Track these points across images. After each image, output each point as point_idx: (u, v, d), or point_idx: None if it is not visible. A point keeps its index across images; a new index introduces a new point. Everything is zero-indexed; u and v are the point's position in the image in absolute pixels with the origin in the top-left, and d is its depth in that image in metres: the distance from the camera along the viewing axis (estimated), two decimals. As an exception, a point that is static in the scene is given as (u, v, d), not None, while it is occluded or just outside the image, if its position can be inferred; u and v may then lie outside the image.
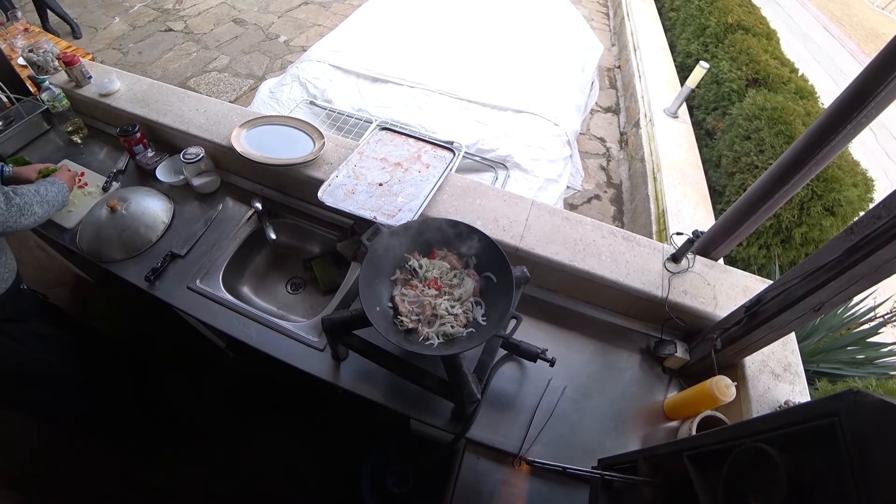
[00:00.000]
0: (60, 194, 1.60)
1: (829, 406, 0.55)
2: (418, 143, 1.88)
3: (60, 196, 1.60)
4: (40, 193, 1.50)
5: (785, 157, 1.31)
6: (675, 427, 1.47)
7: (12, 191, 1.40)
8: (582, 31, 4.26)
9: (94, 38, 5.24)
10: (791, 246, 2.91)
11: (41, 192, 1.50)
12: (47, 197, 1.52)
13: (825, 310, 1.12)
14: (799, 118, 3.14)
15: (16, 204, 1.38)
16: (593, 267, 1.56)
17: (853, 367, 2.43)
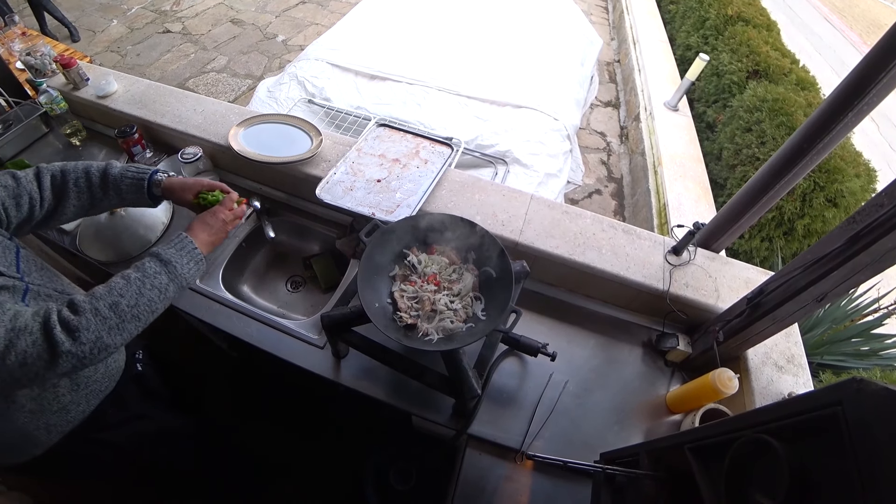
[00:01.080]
0: (192, 272, 1.09)
1: (831, 395, 0.54)
2: (416, 139, 1.87)
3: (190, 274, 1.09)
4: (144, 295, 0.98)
5: (786, 147, 1.30)
6: (678, 420, 1.46)
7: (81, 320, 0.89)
8: (581, 26, 4.24)
9: (92, 41, 5.24)
10: (793, 238, 2.90)
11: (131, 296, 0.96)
12: (144, 303, 0.98)
13: (828, 300, 1.11)
14: (800, 109, 3.13)
15: (87, 342, 0.88)
16: (594, 260, 1.56)
17: (857, 358, 2.42)
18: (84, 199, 1.21)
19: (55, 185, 1.17)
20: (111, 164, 1.24)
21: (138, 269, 1.01)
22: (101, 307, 0.91)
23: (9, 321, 0.84)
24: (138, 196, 1.26)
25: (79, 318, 0.88)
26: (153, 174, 1.26)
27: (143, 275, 0.99)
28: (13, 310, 0.86)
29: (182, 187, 1.28)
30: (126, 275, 0.99)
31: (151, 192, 1.26)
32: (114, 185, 1.22)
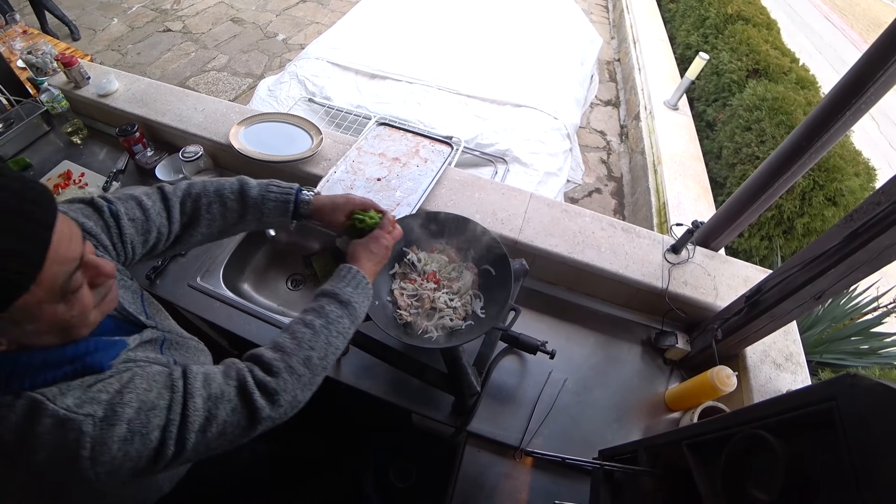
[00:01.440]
0: (366, 308, 1.00)
1: (826, 390, 0.55)
2: (416, 138, 1.88)
3: (364, 312, 1.00)
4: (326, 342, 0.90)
5: (785, 145, 1.30)
6: (677, 418, 1.47)
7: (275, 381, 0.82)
8: (581, 25, 4.25)
9: (92, 40, 5.25)
10: (793, 237, 2.90)
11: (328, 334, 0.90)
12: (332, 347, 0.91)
13: (826, 298, 1.11)
14: (800, 108, 3.13)
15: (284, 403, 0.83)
16: (593, 259, 1.56)
17: (856, 357, 2.43)
18: (215, 227, 1.06)
19: (184, 214, 1.02)
20: (246, 183, 1.07)
21: (320, 315, 0.90)
22: (294, 365, 0.84)
23: (202, 388, 0.75)
24: (281, 218, 1.10)
25: (276, 381, 0.81)
26: (299, 192, 1.10)
27: (326, 321, 0.90)
28: (200, 374, 0.78)
29: (333, 207, 1.10)
30: (310, 322, 0.89)
31: (298, 213, 1.10)
32: (254, 207, 1.06)
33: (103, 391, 0.68)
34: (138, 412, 0.68)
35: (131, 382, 0.71)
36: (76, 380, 0.69)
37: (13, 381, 0.63)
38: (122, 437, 0.66)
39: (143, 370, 0.75)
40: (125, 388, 0.70)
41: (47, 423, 0.63)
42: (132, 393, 0.70)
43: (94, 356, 0.72)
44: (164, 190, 1.00)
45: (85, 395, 0.67)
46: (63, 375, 0.68)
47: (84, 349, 0.71)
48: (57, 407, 0.64)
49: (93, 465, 0.64)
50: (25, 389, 0.64)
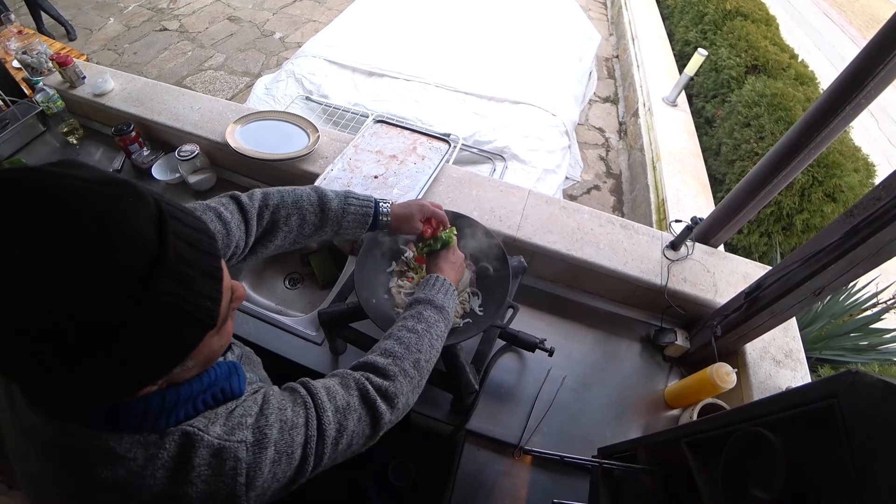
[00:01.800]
0: (452, 311, 1.04)
1: (827, 387, 0.54)
2: (413, 136, 1.87)
3: (451, 316, 1.03)
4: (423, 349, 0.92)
5: (783, 141, 1.29)
6: (677, 415, 1.47)
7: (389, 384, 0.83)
8: (579, 21, 4.24)
9: (89, 40, 5.23)
10: (792, 233, 2.89)
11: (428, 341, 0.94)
12: (433, 351, 0.95)
13: (825, 294, 1.11)
14: (799, 104, 3.12)
15: (401, 406, 0.84)
16: (591, 256, 1.55)
17: (856, 353, 2.42)
18: (290, 238, 1.04)
19: (261, 225, 0.99)
20: (325, 195, 1.05)
21: (420, 320, 0.94)
22: (407, 368, 0.85)
23: (328, 401, 0.74)
24: (357, 230, 1.10)
25: (393, 384, 0.82)
26: (377, 205, 1.10)
27: (427, 325, 0.94)
28: (321, 387, 0.77)
29: (408, 216, 1.12)
30: (412, 327, 0.92)
31: (376, 225, 1.11)
32: (333, 220, 1.05)
33: (247, 415, 0.67)
34: (281, 432, 0.68)
35: (267, 403, 0.70)
36: (219, 407, 0.67)
37: (160, 419, 0.61)
38: (272, 459, 0.66)
39: (270, 389, 0.75)
40: (264, 409, 0.69)
41: (204, 455, 0.61)
42: (273, 414, 0.69)
43: (231, 382, 0.70)
44: (240, 200, 0.97)
45: (231, 422, 0.65)
46: (203, 404, 0.66)
47: (215, 376, 0.68)
48: (211, 437, 0.62)
49: (247, 491, 0.63)
50: (172, 426, 0.62)
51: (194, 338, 0.56)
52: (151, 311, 0.49)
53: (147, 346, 0.51)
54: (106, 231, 0.47)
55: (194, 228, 0.56)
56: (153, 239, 0.49)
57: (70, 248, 0.45)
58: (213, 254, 0.57)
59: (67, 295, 0.44)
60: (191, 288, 0.53)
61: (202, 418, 0.64)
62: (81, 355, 0.47)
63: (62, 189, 0.47)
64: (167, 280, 0.50)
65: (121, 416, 0.58)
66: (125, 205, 0.49)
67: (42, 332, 0.45)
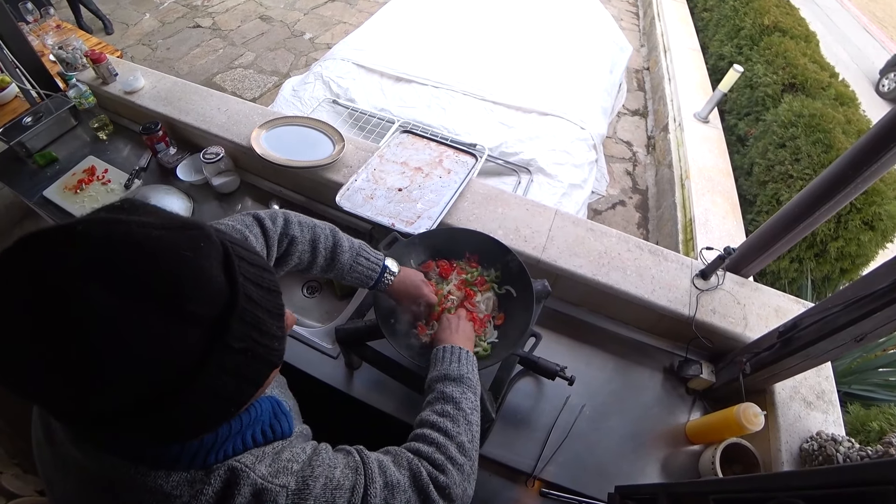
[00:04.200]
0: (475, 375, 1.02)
1: (882, 472, 0.50)
2: (440, 148, 1.84)
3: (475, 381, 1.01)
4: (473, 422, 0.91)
5: (829, 172, 1.23)
6: (697, 451, 1.41)
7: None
8: (611, 32, 4.16)
9: (124, 34, 5.34)
10: (825, 260, 2.79)
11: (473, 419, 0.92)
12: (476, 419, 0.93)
13: (867, 341, 1.05)
14: (839, 126, 3.01)
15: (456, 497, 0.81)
16: (618, 282, 1.50)
17: (887, 390, 2.32)
18: (299, 269, 1.07)
19: (279, 250, 1.01)
20: (340, 245, 1.07)
21: (446, 400, 0.91)
22: (454, 455, 0.82)
23: (380, 474, 0.73)
24: (360, 285, 1.14)
25: (446, 476, 0.78)
26: (384, 271, 1.11)
27: (455, 405, 0.90)
28: (374, 458, 0.76)
29: (407, 296, 1.17)
30: (443, 410, 0.89)
31: (377, 287, 1.13)
32: (339, 270, 1.08)
33: (294, 461, 0.66)
34: (325, 489, 0.66)
35: (318, 455, 0.69)
36: (266, 446, 0.66)
37: (210, 455, 0.60)
38: None
39: (324, 446, 0.73)
40: (314, 460, 0.68)
41: (246, 493, 0.60)
42: (321, 467, 0.67)
43: (279, 420, 0.70)
44: (264, 224, 0.97)
45: (277, 465, 0.64)
46: (253, 441, 0.65)
47: (260, 410, 0.68)
48: (256, 476, 0.61)
49: None
50: (220, 461, 0.61)
51: (263, 378, 0.56)
52: (227, 358, 0.49)
53: (219, 394, 0.51)
54: (182, 280, 0.46)
55: (258, 266, 0.56)
56: (223, 283, 0.49)
57: (148, 297, 0.44)
58: (276, 290, 0.57)
59: (150, 346, 0.44)
60: (261, 329, 0.53)
61: (250, 455, 0.63)
62: (156, 405, 0.46)
63: (137, 240, 0.46)
64: (240, 324, 0.49)
65: (174, 452, 0.57)
66: (198, 251, 0.48)
67: (123, 382, 0.44)
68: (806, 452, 1.26)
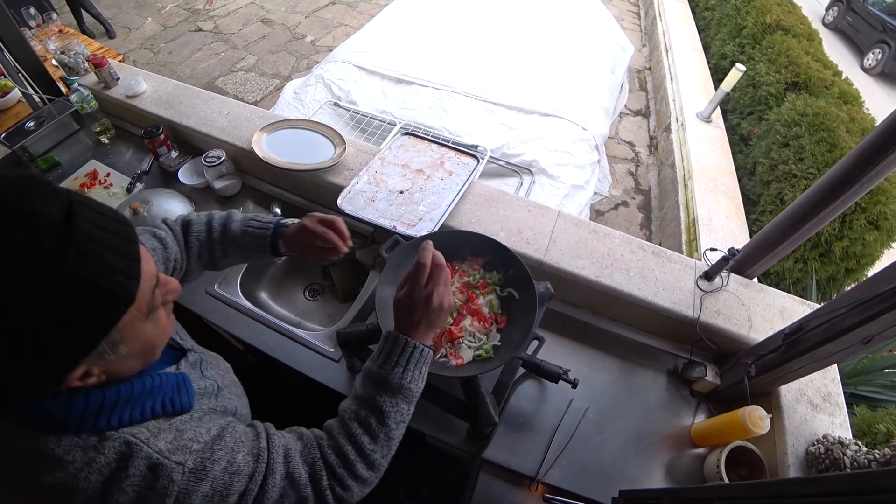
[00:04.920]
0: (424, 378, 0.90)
1: (894, 479, 0.49)
2: (441, 149, 1.83)
3: (417, 388, 0.88)
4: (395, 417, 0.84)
5: (834, 171, 1.22)
6: (702, 454, 1.39)
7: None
8: (612, 32, 4.15)
9: (127, 38, 5.35)
10: (830, 260, 2.77)
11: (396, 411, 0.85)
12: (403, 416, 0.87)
13: (875, 343, 1.03)
14: (843, 125, 2.99)
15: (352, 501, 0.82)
16: (621, 284, 1.49)
17: (893, 391, 2.31)
18: (205, 259, 1.11)
19: (188, 241, 1.07)
20: (232, 217, 1.11)
21: (375, 411, 0.83)
22: (360, 472, 0.80)
23: (283, 464, 0.75)
24: (261, 251, 1.12)
25: (346, 492, 0.79)
26: (277, 226, 1.11)
27: (382, 419, 0.83)
28: (282, 447, 0.77)
29: (297, 231, 1.10)
30: (365, 421, 0.83)
31: (277, 248, 1.12)
32: (232, 240, 1.10)
33: (195, 440, 0.68)
34: (224, 472, 0.68)
35: (221, 438, 0.71)
36: (166, 421, 0.69)
37: (100, 418, 0.62)
38: (205, 494, 0.66)
39: (232, 428, 0.75)
40: (216, 443, 0.70)
41: (140, 466, 0.62)
42: (222, 450, 0.70)
43: (180, 395, 0.72)
44: (168, 222, 1.08)
45: (178, 442, 0.67)
46: (151, 413, 0.67)
47: (160, 382, 0.70)
48: (151, 450, 0.63)
49: None
50: (114, 429, 0.63)
51: (111, 311, 0.58)
52: (63, 281, 0.53)
53: (64, 316, 0.54)
54: (11, 213, 0.51)
55: (104, 214, 0.60)
56: (60, 220, 0.53)
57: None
58: (126, 236, 0.61)
59: None
60: (101, 262, 0.56)
61: (146, 430, 0.65)
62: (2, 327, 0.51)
63: None
64: (74, 252, 0.53)
65: (60, 410, 0.60)
66: (34, 195, 0.53)
67: None
68: (812, 456, 1.25)
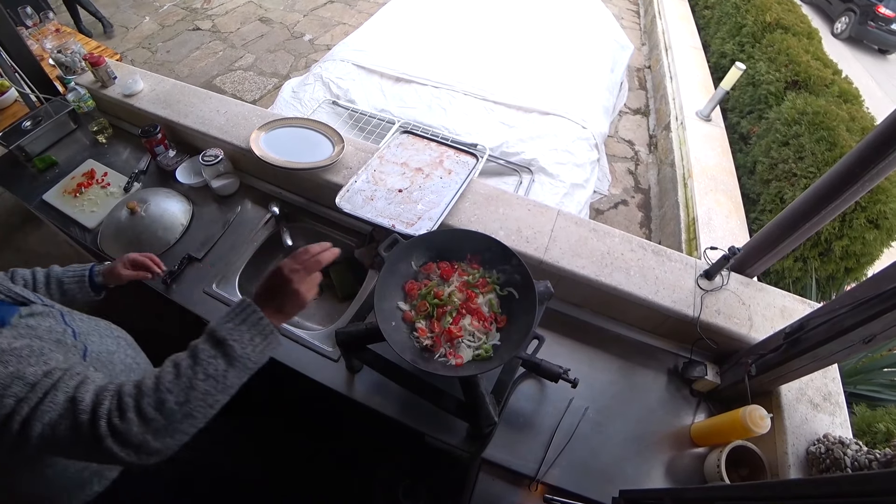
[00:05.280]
0: (260, 349, 0.86)
1: None
2: (440, 148, 1.82)
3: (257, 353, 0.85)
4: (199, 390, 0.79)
5: (835, 170, 1.21)
6: (702, 454, 1.39)
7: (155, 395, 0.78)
8: (612, 30, 4.14)
9: (125, 38, 5.33)
10: (829, 259, 2.76)
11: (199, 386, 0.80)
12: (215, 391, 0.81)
13: (876, 343, 1.03)
14: (843, 123, 2.98)
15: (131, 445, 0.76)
16: (621, 283, 1.49)
17: (893, 390, 2.30)
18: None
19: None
20: (53, 267, 1.30)
21: (192, 355, 0.81)
22: (144, 407, 0.76)
23: (73, 388, 0.77)
24: (85, 294, 1.33)
25: (122, 422, 0.75)
26: (93, 267, 1.34)
27: (194, 362, 0.80)
28: (81, 376, 0.80)
29: (111, 269, 1.37)
30: (178, 362, 0.81)
31: (94, 283, 1.33)
32: (58, 285, 1.28)
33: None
34: (9, 375, 0.75)
35: (20, 351, 0.79)
36: None
37: None
38: None
39: (39, 344, 0.84)
40: (14, 352, 0.78)
41: None
42: (15, 358, 0.77)
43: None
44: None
45: None
46: None
47: None
48: None
49: None
50: None
51: None
52: None
53: None
54: None
55: None
56: None
57: None
58: None
59: None
60: None
61: None
62: None
63: None
64: None
65: None
66: None
67: None
68: (813, 455, 1.24)
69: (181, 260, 1.69)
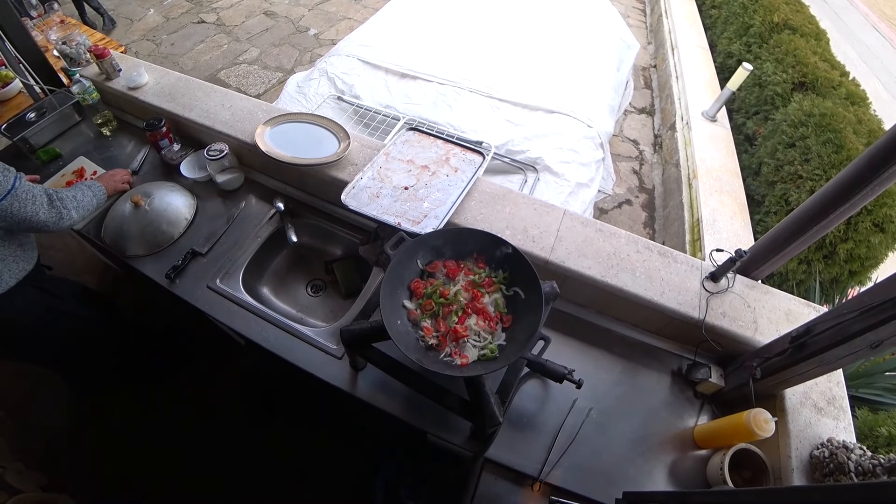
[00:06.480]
0: (96, 197, 1.69)
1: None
2: (447, 145, 1.81)
3: (96, 200, 1.69)
4: (77, 198, 1.58)
5: (845, 173, 1.20)
6: (706, 456, 1.39)
7: (55, 193, 1.51)
8: (618, 29, 4.12)
9: (129, 30, 5.31)
10: (834, 262, 2.75)
11: (78, 196, 1.59)
12: (83, 202, 1.61)
13: (884, 348, 1.02)
14: (850, 126, 2.96)
15: (56, 207, 1.50)
16: (626, 284, 1.48)
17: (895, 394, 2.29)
18: None
19: None
20: None
21: (84, 191, 1.64)
22: (68, 203, 1.55)
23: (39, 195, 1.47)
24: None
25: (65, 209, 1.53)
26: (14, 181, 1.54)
27: (82, 193, 1.62)
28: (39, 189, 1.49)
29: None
30: (80, 192, 1.62)
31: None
32: None
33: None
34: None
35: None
36: None
37: None
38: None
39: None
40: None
41: None
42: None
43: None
44: None
45: None
46: None
47: None
48: None
49: None
50: None
51: None
52: None
53: None
54: None
55: None
56: None
57: None
58: None
59: None
60: None
61: None
62: None
63: None
64: None
65: None
66: None
67: None
68: (817, 459, 1.24)
69: (185, 255, 1.69)
